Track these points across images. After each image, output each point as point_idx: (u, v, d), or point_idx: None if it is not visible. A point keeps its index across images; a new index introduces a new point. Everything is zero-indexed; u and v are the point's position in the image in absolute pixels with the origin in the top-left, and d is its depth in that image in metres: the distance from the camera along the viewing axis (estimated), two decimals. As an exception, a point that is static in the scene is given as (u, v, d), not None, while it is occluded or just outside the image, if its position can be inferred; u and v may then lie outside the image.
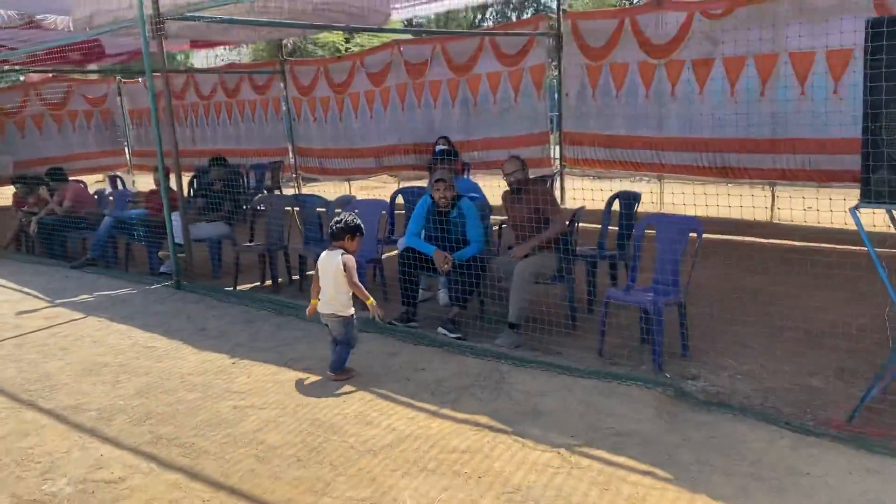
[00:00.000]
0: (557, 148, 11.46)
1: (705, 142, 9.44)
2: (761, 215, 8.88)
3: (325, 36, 18.79)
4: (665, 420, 3.83)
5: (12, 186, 10.68)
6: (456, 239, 5.79)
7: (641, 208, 6.26)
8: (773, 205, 9.16)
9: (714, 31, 9.05)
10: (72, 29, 9.67)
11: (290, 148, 14.87)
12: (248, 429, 3.89)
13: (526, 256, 5.47)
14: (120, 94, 18.24)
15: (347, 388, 4.41)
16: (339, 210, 6.96)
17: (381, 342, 5.22)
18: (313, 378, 4.59)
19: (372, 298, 4.56)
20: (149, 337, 5.61)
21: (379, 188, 14.65)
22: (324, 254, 4.72)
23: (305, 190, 14.80)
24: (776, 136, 8.81)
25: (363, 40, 18.44)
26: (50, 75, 17.08)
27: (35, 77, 17.50)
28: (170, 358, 5.10)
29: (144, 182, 15.76)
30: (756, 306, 5.63)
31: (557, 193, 11.47)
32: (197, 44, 15.56)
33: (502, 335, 5.32)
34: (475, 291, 5.71)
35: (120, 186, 13.40)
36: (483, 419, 3.89)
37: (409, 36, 14.41)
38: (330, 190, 12.96)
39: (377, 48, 13.48)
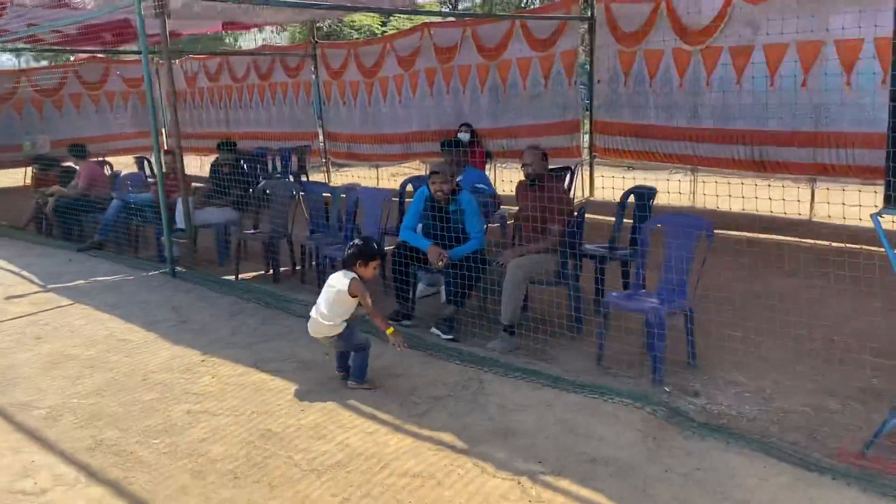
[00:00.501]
0: (587, 137, 11.00)
1: (742, 133, 8.87)
2: (799, 213, 8.26)
3: (360, 18, 18.49)
4: (649, 446, 3.43)
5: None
6: (454, 234, 5.42)
7: (675, 202, 5.80)
8: (812, 202, 8.55)
9: (754, 16, 8.46)
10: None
11: (319, 132, 14.68)
12: (194, 437, 3.62)
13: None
14: (157, 76, 18.26)
15: (311, 394, 4.11)
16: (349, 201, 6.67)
17: (363, 343, 4.90)
18: (279, 381, 4.30)
19: (392, 327, 4.17)
20: (127, 328, 5.40)
21: (409, 175, 14.32)
22: (337, 273, 4.33)
23: (335, 176, 14.59)
24: (818, 128, 8.20)
25: (399, 23, 18.09)
26: (93, 55, 17.16)
27: (81, 56, 17.59)
28: (141, 352, 4.87)
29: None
30: (780, 313, 5.11)
31: (586, 184, 11.03)
32: (232, 25, 15.46)
33: (496, 338, 4.97)
34: (473, 290, 5.36)
35: (147, 169, 13.33)
36: (447, 437, 3.54)
37: (439, 18, 13.98)
38: (360, 176, 12.70)
39: (407, 31, 13.13)
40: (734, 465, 3.23)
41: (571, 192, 8.30)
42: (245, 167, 9.27)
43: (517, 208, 5.62)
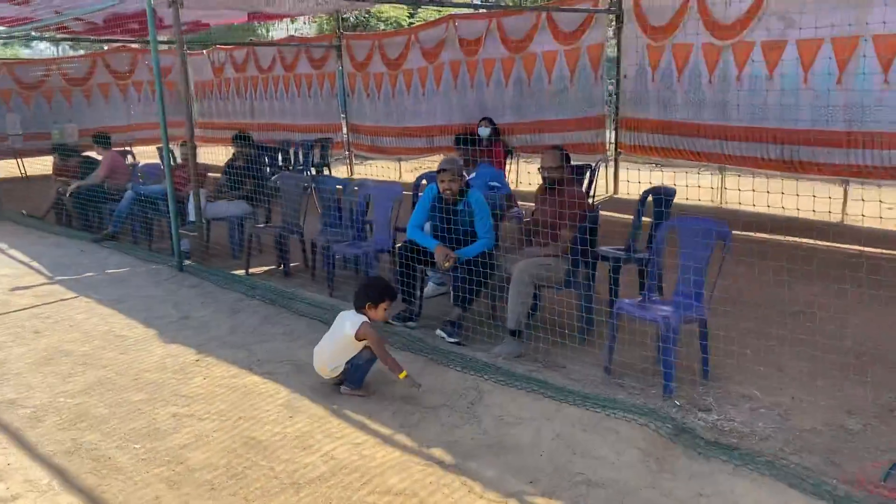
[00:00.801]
0: (613, 133, 10.74)
1: (773, 132, 8.54)
2: (831, 216, 7.93)
3: (387, 10, 18.31)
4: (650, 467, 3.22)
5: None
6: (463, 234, 5.24)
7: (701, 202, 5.55)
8: (844, 205, 8.21)
9: (788, 10, 8.12)
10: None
11: (343, 124, 14.57)
12: (175, 443, 3.49)
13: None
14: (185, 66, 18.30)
15: (302, 400, 3.95)
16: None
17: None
18: (271, 385, 4.15)
19: (405, 371, 3.95)
20: (127, 324, 5.30)
21: (431, 170, 14.15)
22: (346, 312, 4.12)
23: (358, 168, 14.48)
24: (853, 128, 7.85)
25: (427, 14, 17.89)
26: (122, 45, 17.22)
27: (114, 45, 17.66)
28: (136, 350, 4.77)
29: (205, 154, 15.77)
30: (803, 323, 4.87)
31: (610, 181, 10.79)
32: (257, 16, 15.38)
33: (502, 343, 4.78)
34: (480, 292, 5.17)
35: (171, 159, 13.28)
36: (437, 451, 3.36)
37: (466, 10, 13.75)
38: (382, 169, 12.57)
39: (432, 23, 12.95)
40: (739, 492, 3.02)
41: (592, 190, 8.06)
42: (266, 159, 9.19)
43: (533, 211, 5.43)
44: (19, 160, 15.44)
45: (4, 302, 5.92)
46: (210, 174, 8.48)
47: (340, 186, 6.93)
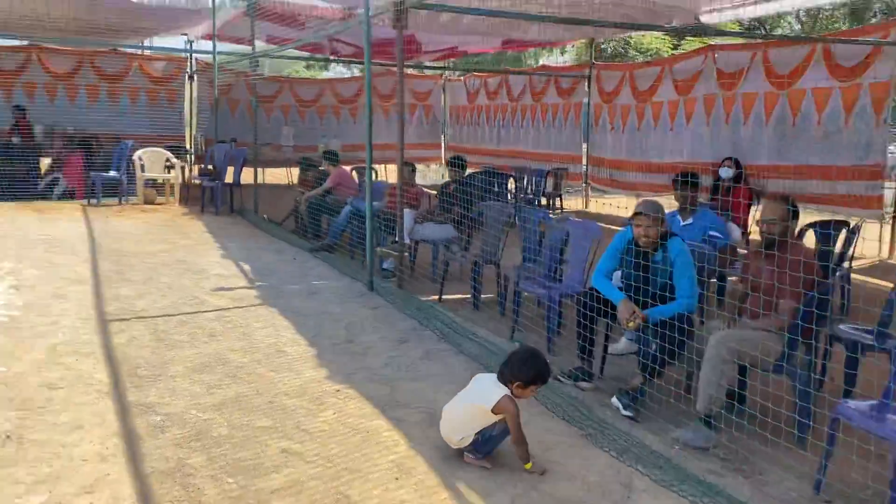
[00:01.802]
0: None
1: None
2: None
3: (649, 41, 17.37)
4: None
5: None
6: (658, 288, 4.45)
7: None
8: None
9: None
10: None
11: (583, 156, 14.04)
12: (269, 485, 3.16)
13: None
14: (444, 91, 18.93)
15: (417, 459, 3.46)
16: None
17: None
18: (394, 433, 3.71)
19: (531, 462, 3.41)
20: (292, 339, 5.19)
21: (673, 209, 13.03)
22: (486, 377, 3.63)
23: (593, 202, 13.83)
24: None
25: (690, 46, 16.70)
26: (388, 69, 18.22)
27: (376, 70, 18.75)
28: (287, 369, 4.60)
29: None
30: None
31: (885, 242, 9.11)
32: (509, 44, 15.37)
33: (686, 427, 3.94)
34: (671, 362, 4.33)
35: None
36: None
37: (736, 40, 12.54)
38: (618, 205, 11.78)
39: (689, 53, 12.01)
40: None
41: (850, 251, 6.66)
42: (495, 186, 8.96)
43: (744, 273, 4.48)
44: (288, 169, 16.85)
45: (202, 301, 6.15)
46: (426, 191, 8.40)
47: (543, 218, 6.41)
